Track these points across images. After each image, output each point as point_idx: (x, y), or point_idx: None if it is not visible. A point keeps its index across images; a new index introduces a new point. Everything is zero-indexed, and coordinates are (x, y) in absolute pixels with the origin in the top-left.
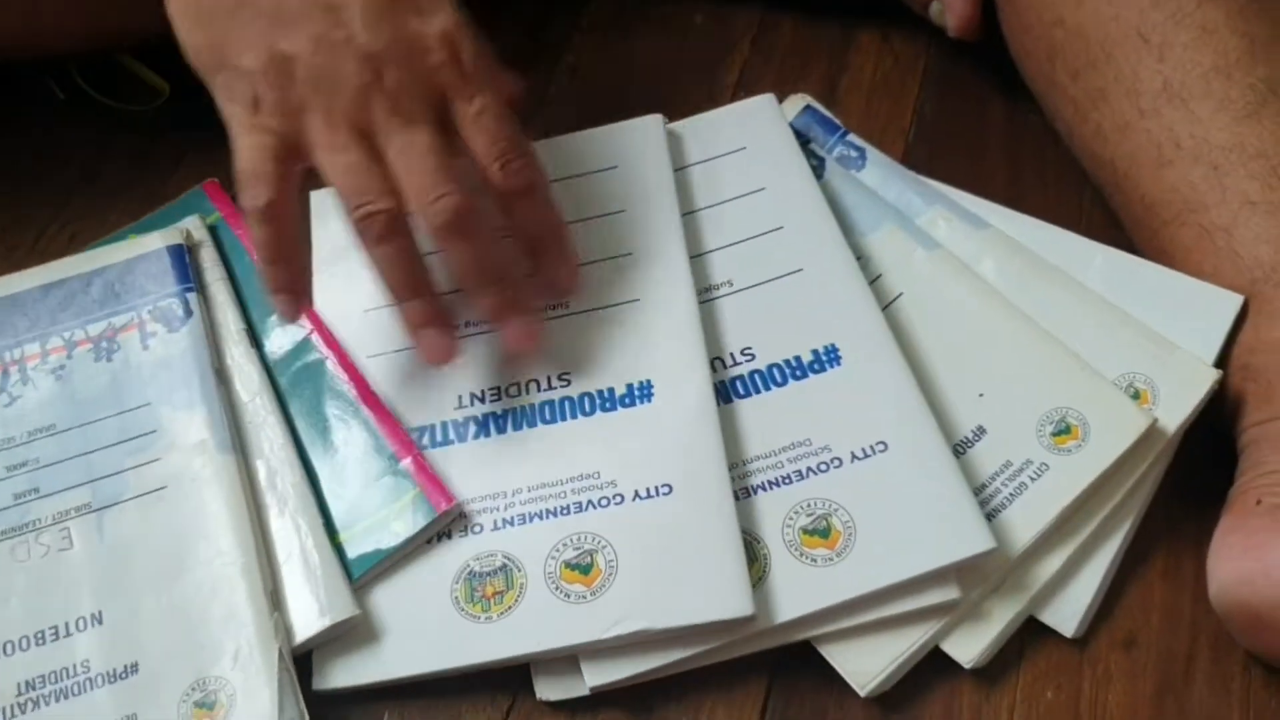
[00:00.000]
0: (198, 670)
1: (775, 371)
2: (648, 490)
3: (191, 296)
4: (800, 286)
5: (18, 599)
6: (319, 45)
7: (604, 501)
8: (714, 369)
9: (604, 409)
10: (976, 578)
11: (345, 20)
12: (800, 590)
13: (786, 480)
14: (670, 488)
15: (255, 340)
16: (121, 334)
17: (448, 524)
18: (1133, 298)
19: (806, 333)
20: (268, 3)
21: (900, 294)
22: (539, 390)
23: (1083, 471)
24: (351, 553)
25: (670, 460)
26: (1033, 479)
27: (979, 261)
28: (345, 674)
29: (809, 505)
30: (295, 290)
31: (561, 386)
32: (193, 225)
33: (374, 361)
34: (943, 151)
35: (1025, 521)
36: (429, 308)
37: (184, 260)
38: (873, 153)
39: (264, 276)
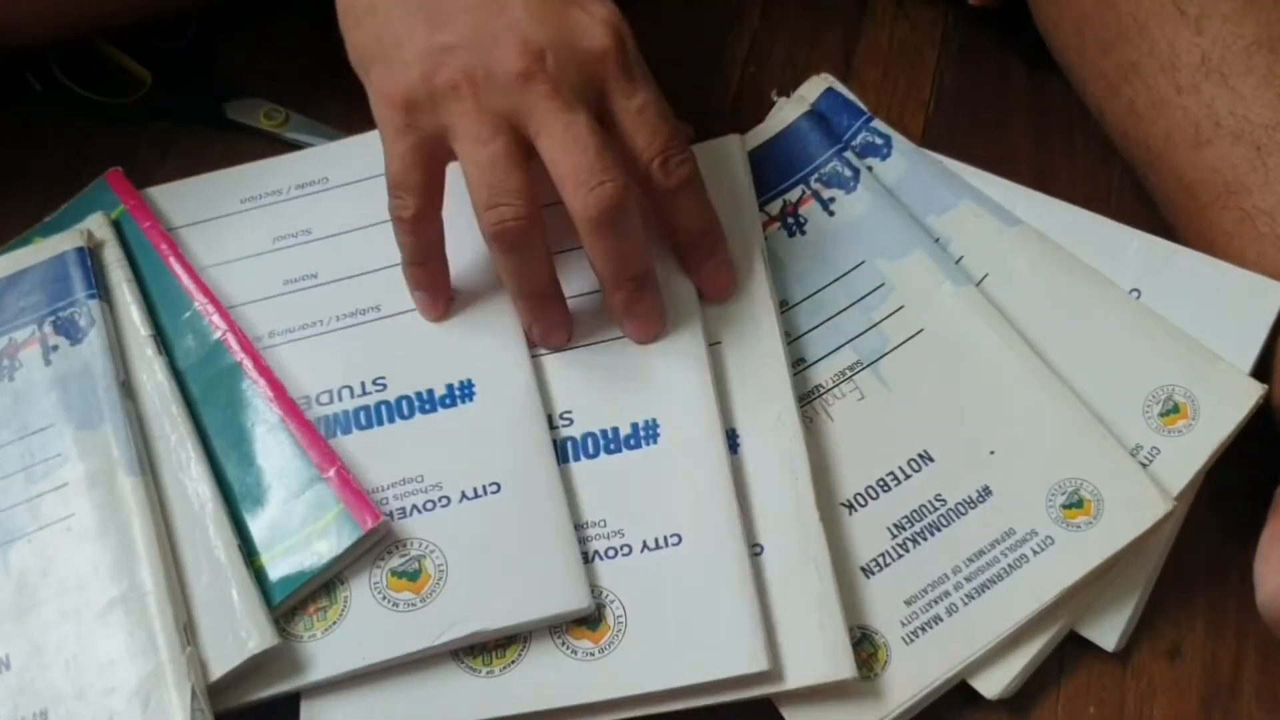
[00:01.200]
0: (109, 714)
1: (590, 441)
2: (475, 490)
3: (94, 304)
4: (637, 351)
5: None
6: (478, 33)
7: (429, 505)
8: None
9: (424, 411)
10: None
11: (507, 9)
12: (555, 681)
13: None
14: (499, 485)
15: (164, 345)
16: (23, 350)
17: (374, 543)
18: (1170, 287)
19: (631, 403)
20: None
21: (921, 330)
22: (353, 396)
23: (1090, 552)
24: (273, 575)
25: (497, 457)
26: (1035, 552)
27: (1011, 259)
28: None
29: None
30: (435, 289)
31: (377, 391)
32: (94, 224)
33: None
34: (964, 124)
35: (1019, 598)
36: (555, 314)
37: (86, 264)
38: (899, 140)
39: (406, 275)
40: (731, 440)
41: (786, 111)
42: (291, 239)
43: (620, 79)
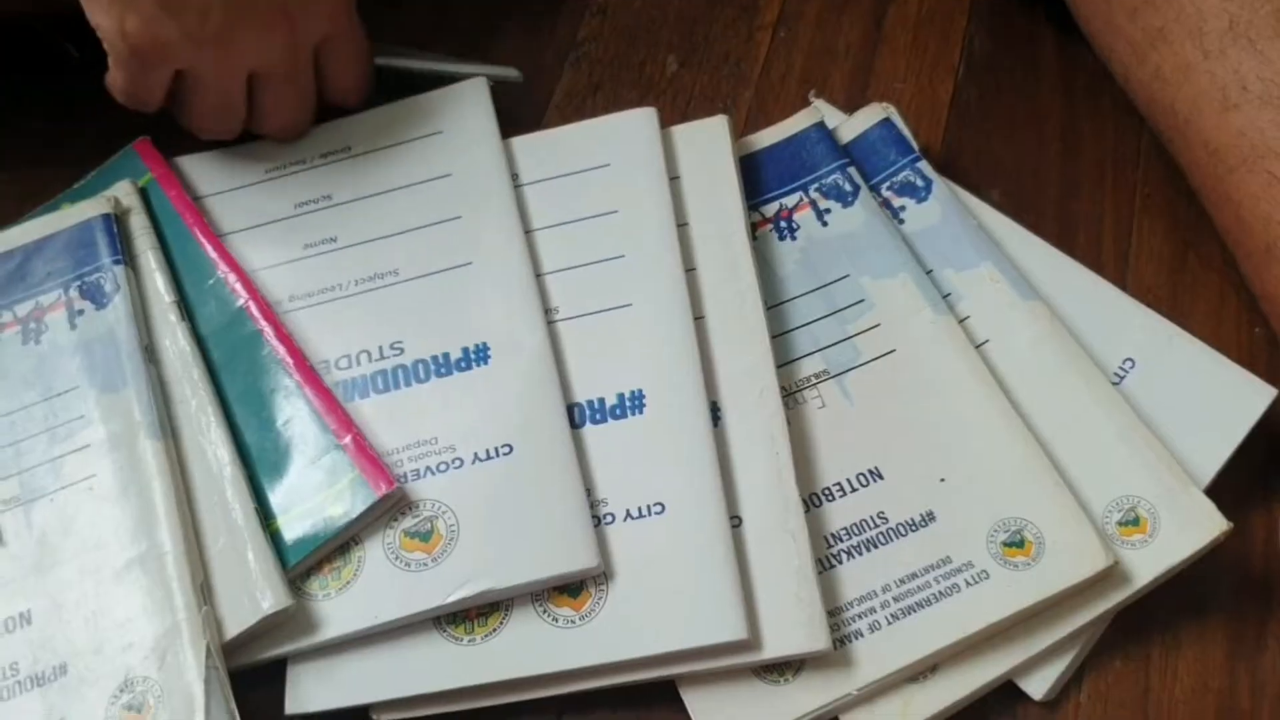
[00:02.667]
0: (126, 670)
1: (577, 411)
2: (488, 452)
3: (119, 270)
4: (625, 323)
5: None
6: None
7: (443, 466)
8: None
9: (440, 374)
10: None
11: None
12: (536, 648)
13: None
14: (511, 447)
15: (186, 312)
16: (49, 313)
17: (388, 508)
18: (1165, 366)
19: (618, 374)
20: None
21: (893, 350)
22: (370, 361)
23: (1023, 593)
24: (288, 538)
25: (510, 419)
26: (968, 584)
27: (1015, 333)
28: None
29: None
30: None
31: (395, 355)
32: (122, 191)
33: None
34: (993, 89)
35: (943, 626)
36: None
37: (112, 230)
38: (941, 189)
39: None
40: (714, 413)
41: (800, 118)
42: (312, 205)
43: None
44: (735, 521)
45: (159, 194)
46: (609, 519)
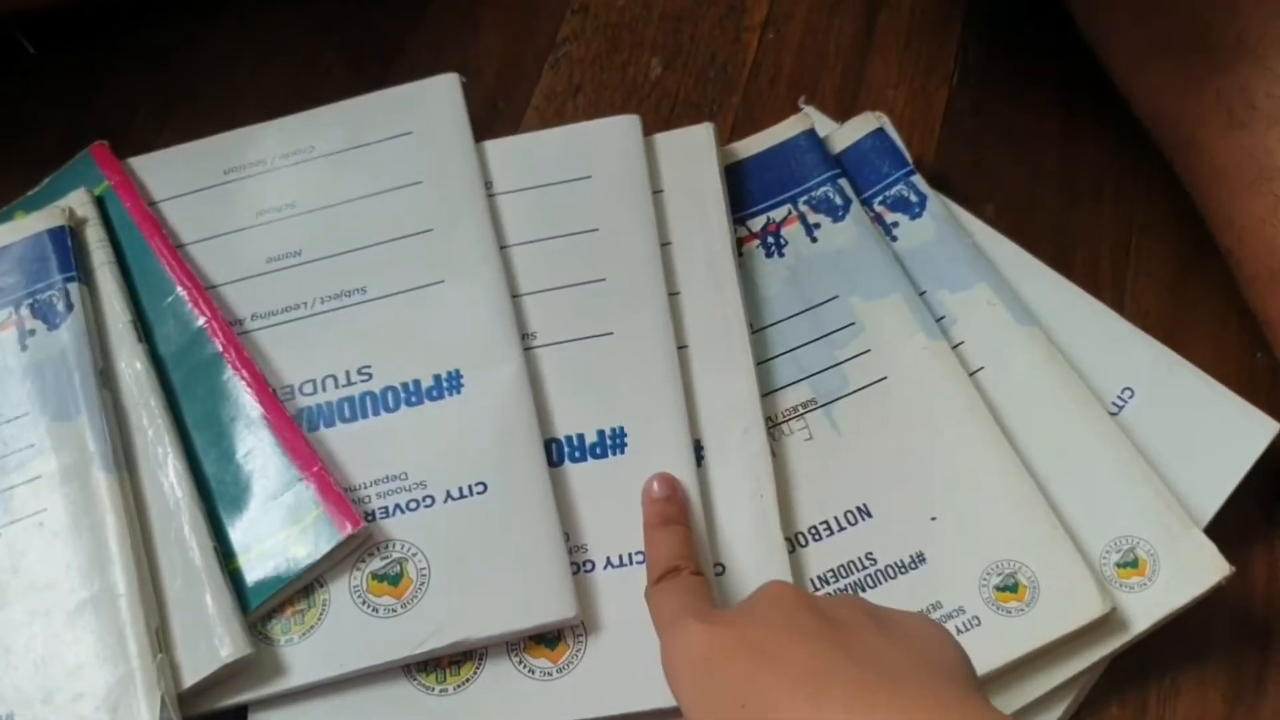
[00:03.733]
0: None
1: (556, 448)
2: (461, 490)
3: (73, 287)
4: (607, 353)
5: None
6: None
7: (413, 505)
8: None
9: (410, 403)
10: None
11: None
12: (511, 702)
13: None
14: (485, 486)
15: (145, 331)
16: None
17: (353, 548)
18: (1165, 397)
19: (599, 409)
20: None
21: (884, 377)
22: (337, 386)
23: (1015, 641)
24: (249, 578)
25: (484, 456)
26: (959, 631)
27: (1012, 359)
28: None
29: None
30: None
31: (362, 381)
32: (76, 201)
33: None
34: (989, 99)
35: None
36: None
37: (65, 245)
38: (936, 205)
39: None
40: (697, 451)
41: (789, 125)
42: (275, 213)
43: None
44: (719, 569)
45: (116, 203)
46: (588, 566)
